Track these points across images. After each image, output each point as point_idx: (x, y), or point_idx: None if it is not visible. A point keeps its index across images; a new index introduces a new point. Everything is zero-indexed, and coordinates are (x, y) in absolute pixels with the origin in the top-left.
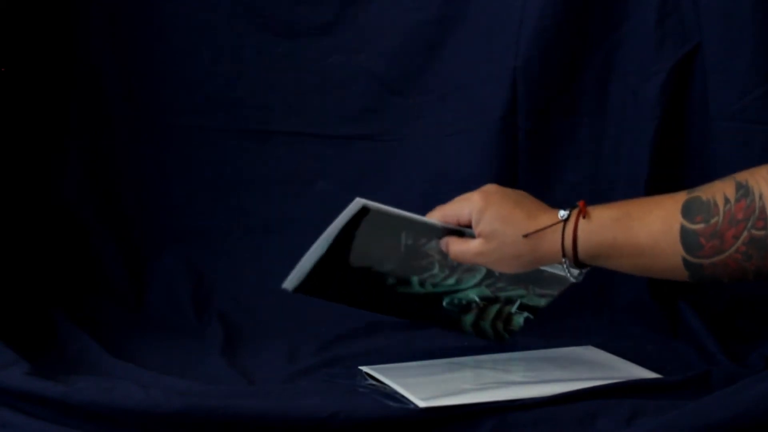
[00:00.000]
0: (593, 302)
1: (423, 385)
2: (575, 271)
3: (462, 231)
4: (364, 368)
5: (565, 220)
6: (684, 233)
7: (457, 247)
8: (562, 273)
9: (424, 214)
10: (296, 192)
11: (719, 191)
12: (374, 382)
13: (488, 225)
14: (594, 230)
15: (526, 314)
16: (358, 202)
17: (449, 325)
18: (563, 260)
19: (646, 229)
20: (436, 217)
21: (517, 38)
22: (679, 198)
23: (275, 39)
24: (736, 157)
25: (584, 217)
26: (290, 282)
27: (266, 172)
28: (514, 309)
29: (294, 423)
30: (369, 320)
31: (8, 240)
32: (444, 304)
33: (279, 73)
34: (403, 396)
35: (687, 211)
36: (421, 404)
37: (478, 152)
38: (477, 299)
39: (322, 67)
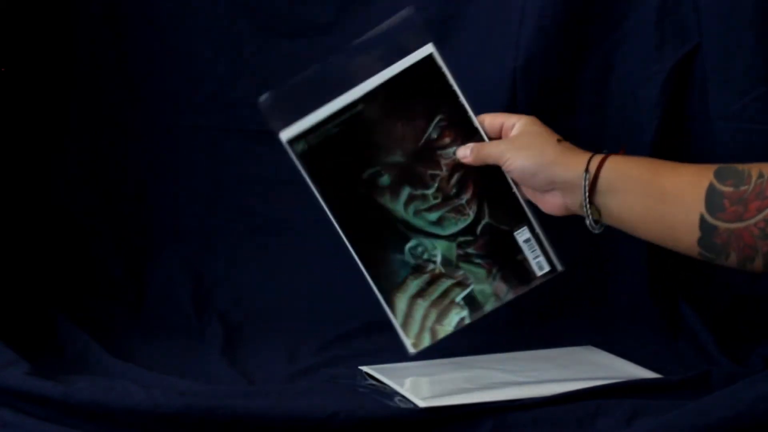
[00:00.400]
0: (593, 302)
1: (423, 385)
2: (586, 208)
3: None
4: (364, 368)
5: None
6: (710, 191)
7: (485, 148)
8: (535, 266)
9: None
10: (296, 192)
11: (756, 167)
12: (374, 382)
13: (528, 126)
14: (623, 161)
15: (464, 314)
16: (428, 48)
17: (387, 287)
18: (584, 179)
19: (675, 176)
20: (486, 119)
21: (517, 38)
22: (715, 165)
23: (275, 39)
24: (736, 157)
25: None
26: (290, 131)
27: (266, 172)
28: (459, 297)
29: (294, 423)
30: (369, 320)
31: (8, 240)
32: (407, 247)
33: (279, 73)
34: (403, 396)
35: (719, 173)
36: (421, 404)
37: None
38: (439, 258)
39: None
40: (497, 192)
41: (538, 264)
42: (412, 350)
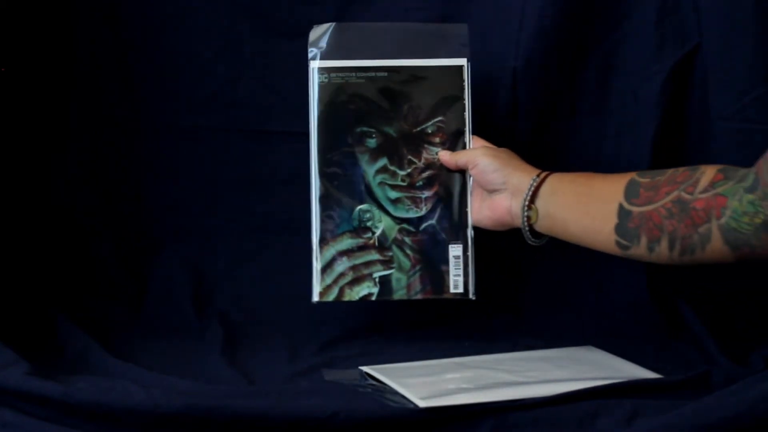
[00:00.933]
0: (593, 302)
1: (423, 385)
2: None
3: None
4: (364, 368)
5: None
6: (630, 183)
7: (461, 153)
8: (452, 282)
9: None
10: (297, 192)
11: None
12: (374, 382)
13: (504, 149)
14: (567, 174)
15: (374, 291)
16: (463, 61)
17: (324, 232)
18: (532, 181)
19: (605, 177)
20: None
21: (517, 38)
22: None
23: (276, 39)
24: (735, 157)
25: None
26: (322, 62)
27: (266, 172)
28: (377, 274)
29: (294, 423)
30: (369, 320)
31: (8, 240)
32: (358, 208)
33: (279, 73)
34: (403, 396)
35: (643, 172)
36: (421, 404)
37: None
38: (379, 232)
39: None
40: (453, 205)
41: (455, 282)
42: (315, 298)
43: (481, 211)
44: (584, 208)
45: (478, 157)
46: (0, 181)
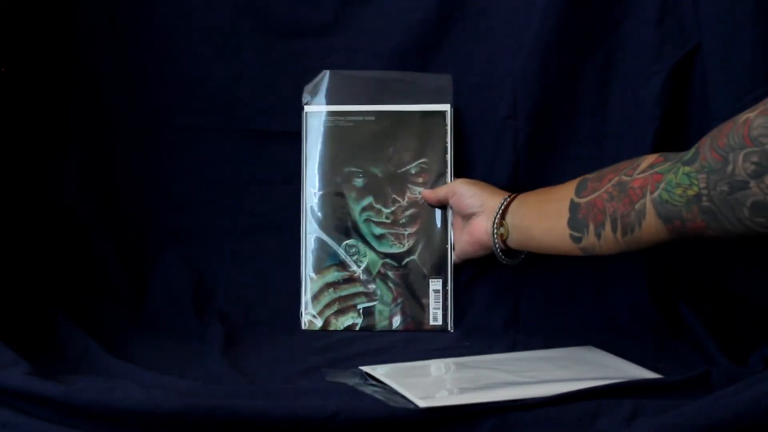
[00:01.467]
0: (593, 302)
1: (423, 385)
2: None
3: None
4: (365, 368)
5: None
6: (581, 181)
7: (441, 188)
8: (431, 315)
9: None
10: (296, 192)
11: None
12: (374, 382)
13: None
14: (535, 192)
15: (358, 321)
16: (446, 107)
17: (314, 264)
18: (503, 201)
19: (562, 184)
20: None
21: (517, 39)
22: None
23: (275, 39)
24: None
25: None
26: (314, 107)
27: (266, 172)
28: (361, 306)
29: (294, 423)
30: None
31: (8, 240)
32: (345, 242)
33: (279, 74)
34: (403, 396)
35: (594, 172)
36: (422, 404)
37: (478, 154)
38: (363, 266)
39: (321, 67)
40: (435, 241)
41: (435, 315)
42: (303, 327)
43: (461, 237)
44: (542, 211)
45: (456, 185)
46: (0, 180)
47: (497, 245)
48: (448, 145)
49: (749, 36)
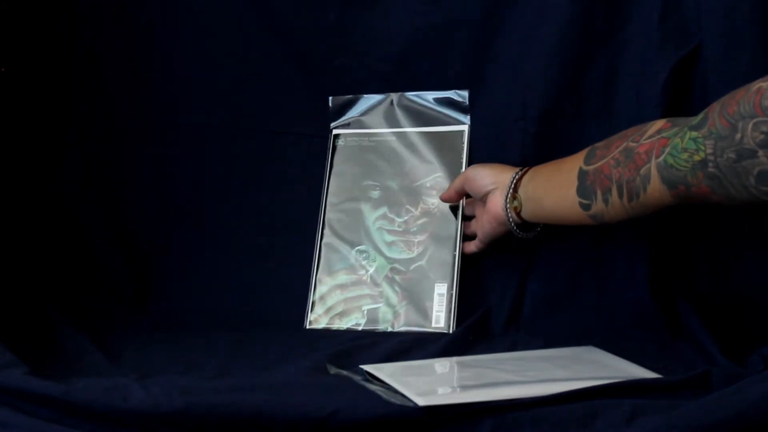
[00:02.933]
0: (593, 302)
1: (423, 384)
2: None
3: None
4: (365, 367)
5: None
6: (589, 150)
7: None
8: (434, 318)
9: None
10: (301, 192)
11: None
12: (375, 381)
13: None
14: (545, 164)
15: (361, 322)
16: (464, 126)
17: (324, 267)
18: (515, 174)
19: (572, 156)
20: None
21: (525, 41)
22: None
23: (281, 40)
24: None
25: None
26: (340, 129)
27: (271, 172)
28: (366, 307)
29: (294, 421)
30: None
31: (9, 240)
32: (357, 248)
33: (284, 75)
34: (403, 395)
35: (604, 140)
36: (421, 403)
37: (484, 157)
38: (372, 270)
39: (327, 69)
40: (443, 248)
41: (437, 318)
42: (306, 325)
43: (482, 218)
44: (553, 182)
45: (467, 172)
46: (1, 181)
47: (511, 218)
48: (464, 160)
49: (749, 36)
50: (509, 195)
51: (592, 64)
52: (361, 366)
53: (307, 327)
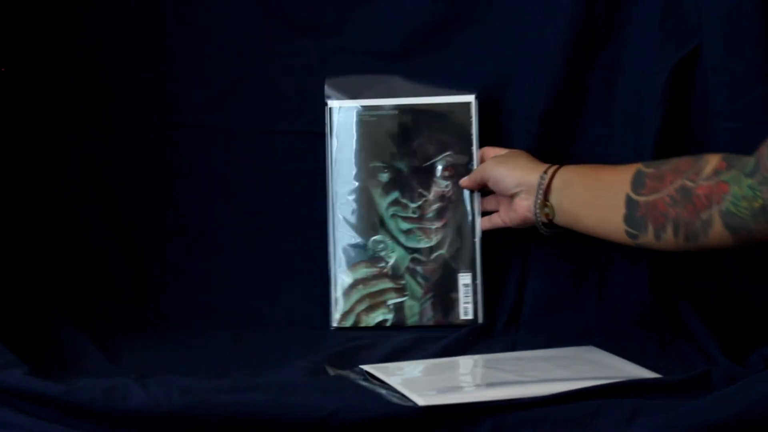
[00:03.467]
0: (593, 302)
1: (423, 384)
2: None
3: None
4: (365, 367)
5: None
6: (636, 174)
7: (475, 171)
8: (462, 309)
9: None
10: (301, 191)
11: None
12: (374, 381)
13: (513, 152)
14: (574, 167)
15: (389, 317)
16: (470, 97)
17: (341, 262)
18: (541, 179)
19: (611, 169)
20: (486, 151)
21: (523, 40)
22: None
23: (280, 39)
24: None
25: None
26: (338, 102)
27: (271, 171)
28: (391, 302)
29: (294, 421)
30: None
31: (9, 240)
32: (372, 238)
33: (283, 74)
34: (403, 394)
35: (648, 162)
36: (421, 403)
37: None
38: (392, 261)
39: (327, 68)
40: (463, 235)
41: (465, 309)
42: (334, 324)
43: (508, 215)
44: (594, 200)
45: (487, 170)
46: (1, 180)
47: (541, 222)
48: (473, 136)
49: (750, 36)
50: (539, 202)
51: (593, 63)
52: (361, 366)
53: (335, 326)
